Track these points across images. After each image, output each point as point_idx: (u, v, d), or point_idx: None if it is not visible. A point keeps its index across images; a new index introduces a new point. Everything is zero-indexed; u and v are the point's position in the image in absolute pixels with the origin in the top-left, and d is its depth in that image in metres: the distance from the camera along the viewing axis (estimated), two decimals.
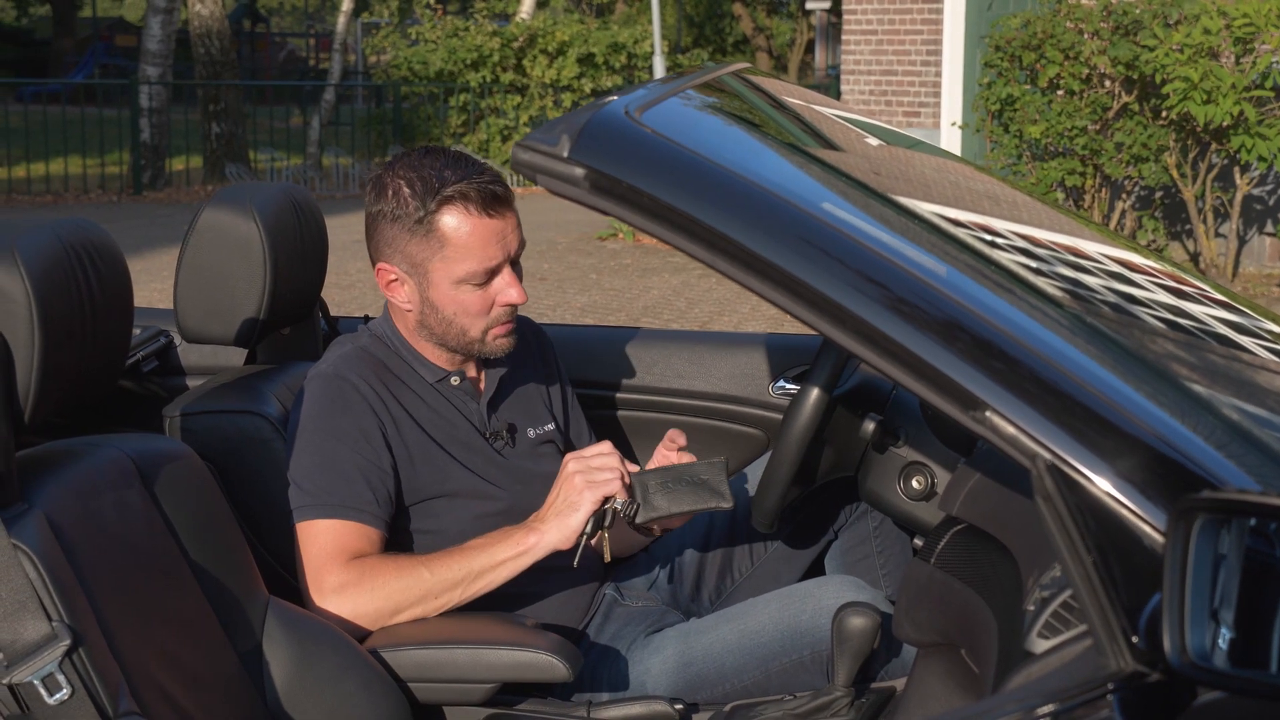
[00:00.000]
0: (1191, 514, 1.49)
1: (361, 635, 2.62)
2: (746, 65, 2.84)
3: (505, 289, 2.73)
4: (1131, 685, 1.53)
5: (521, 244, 2.77)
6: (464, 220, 2.68)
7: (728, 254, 1.81)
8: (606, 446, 2.66)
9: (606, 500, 2.61)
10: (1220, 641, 1.52)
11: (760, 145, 2.33)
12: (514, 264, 2.76)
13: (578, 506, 2.60)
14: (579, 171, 1.85)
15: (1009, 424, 1.68)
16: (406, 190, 2.69)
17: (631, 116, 1.95)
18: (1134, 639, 1.54)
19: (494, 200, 2.68)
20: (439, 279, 2.71)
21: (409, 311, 2.78)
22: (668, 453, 2.79)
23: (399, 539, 2.76)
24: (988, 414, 1.69)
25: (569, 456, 2.66)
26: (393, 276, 2.76)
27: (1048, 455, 1.65)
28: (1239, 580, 1.53)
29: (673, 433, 2.80)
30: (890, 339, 1.74)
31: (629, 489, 2.64)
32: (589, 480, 2.60)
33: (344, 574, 2.62)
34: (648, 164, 1.87)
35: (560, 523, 2.61)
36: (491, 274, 2.72)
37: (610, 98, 2.03)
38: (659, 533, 2.92)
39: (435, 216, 2.68)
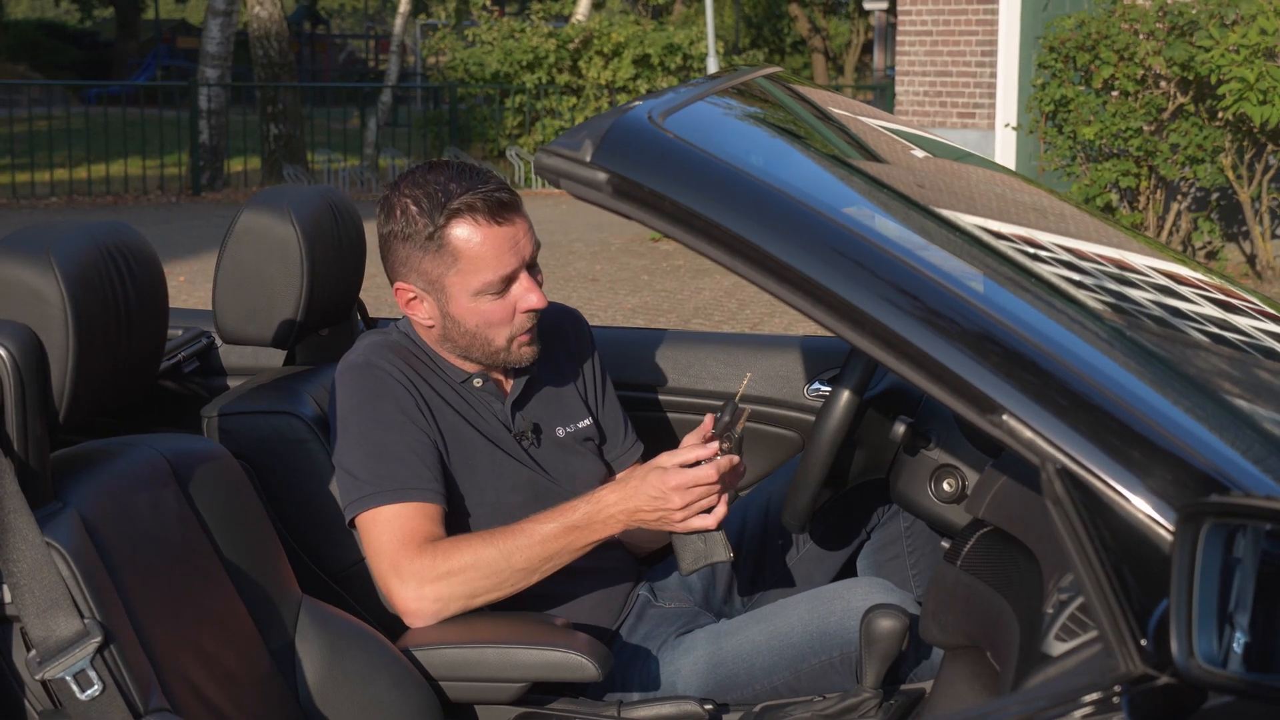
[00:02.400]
0: (1198, 518, 1.49)
1: (397, 632, 2.65)
2: (777, 69, 2.85)
3: (525, 295, 2.73)
4: (1140, 688, 1.54)
5: (536, 247, 2.76)
6: (474, 231, 2.68)
7: (746, 257, 1.83)
8: (709, 471, 2.58)
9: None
10: (1235, 645, 1.52)
11: (784, 149, 2.35)
12: (531, 268, 2.76)
13: (671, 527, 2.61)
14: (601, 176, 1.87)
15: (1026, 428, 1.69)
16: (414, 208, 2.71)
17: (654, 122, 1.97)
18: (1142, 642, 1.54)
19: (501, 208, 2.69)
20: (457, 293, 2.72)
21: (431, 328, 2.81)
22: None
23: None
24: (1005, 418, 1.70)
25: (668, 466, 2.59)
26: (411, 295, 2.78)
27: (1066, 461, 1.65)
28: (1254, 585, 1.53)
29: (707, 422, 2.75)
30: (907, 341, 1.75)
31: None
32: (687, 509, 2.58)
33: (420, 559, 2.63)
34: (669, 169, 1.89)
35: (648, 524, 2.64)
36: (508, 282, 2.72)
37: (635, 103, 2.04)
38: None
39: (445, 231, 2.69)
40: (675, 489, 2.56)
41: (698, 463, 2.57)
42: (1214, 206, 11.47)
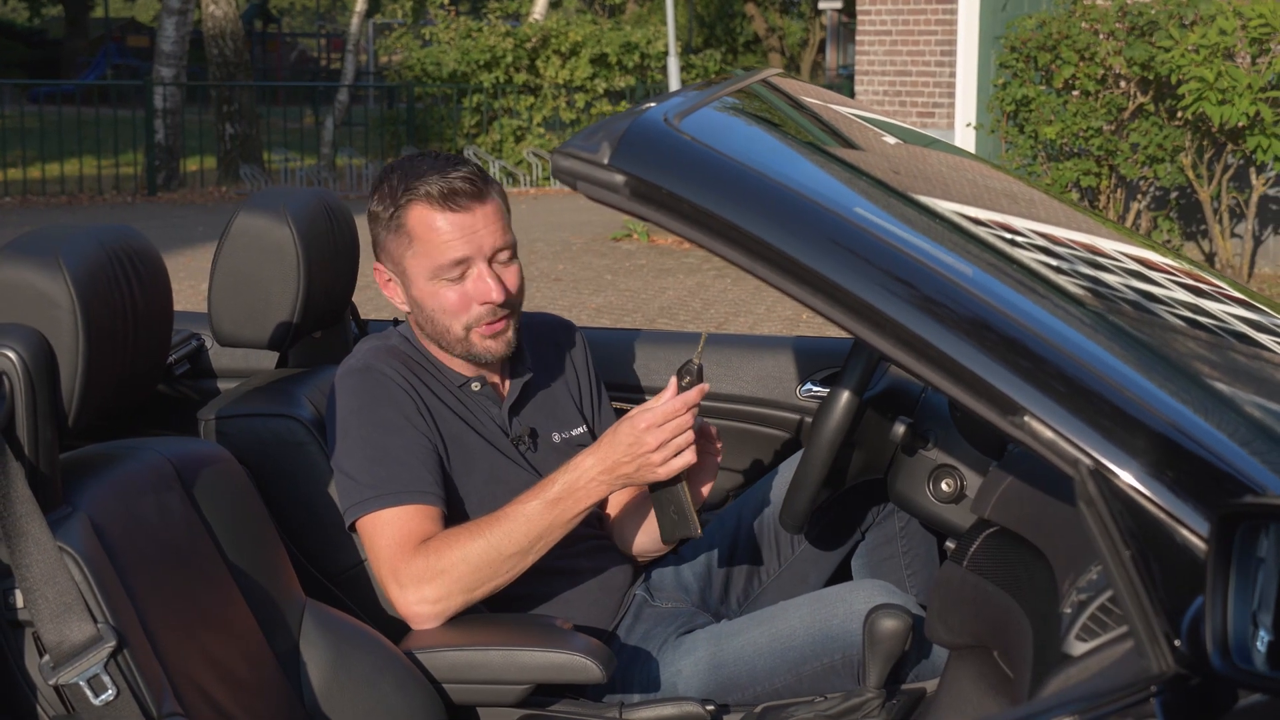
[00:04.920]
0: (1234, 519, 1.50)
1: (399, 635, 2.65)
2: (778, 71, 2.86)
3: (479, 286, 2.75)
4: (1173, 688, 1.54)
5: (503, 243, 2.77)
6: (425, 215, 2.74)
7: (767, 260, 1.83)
8: (675, 404, 2.58)
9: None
10: (1259, 644, 1.53)
11: (795, 151, 2.35)
12: (499, 262, 2.78)
13: (653, 474, 2.61)
14: (619, 178, 1.86)
15: (1048, 429, 1.69)
16: (386, 190, 2.79)
17: (670, 123, 1.97)
18: (1176, 642, 1.55)
19: (454, 195, 2.72)
20: (415, 276, 2.78)
21: (408, 312, 2.86)
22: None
23: None
24: (1027, 419, 1.70)
25: (641, 416, 2.59)
26: (386, 277, 2.87)
27: (1088, 460, 1.66)
28: (1278, 583, 1.54)
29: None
30: (929, 344, 1.75)
31: None
32: (667, 454, 2.58)
33: (415, 562, 2.64)
34: (687, 170, 1.89)
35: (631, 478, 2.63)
36: (461, 269, 2.75)
37: (649, 105, 2.04)
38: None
39: (402, 213, 2.76)
40: (647, 429, 2.57)
41: None
42: (1173, 205, 11.55)
